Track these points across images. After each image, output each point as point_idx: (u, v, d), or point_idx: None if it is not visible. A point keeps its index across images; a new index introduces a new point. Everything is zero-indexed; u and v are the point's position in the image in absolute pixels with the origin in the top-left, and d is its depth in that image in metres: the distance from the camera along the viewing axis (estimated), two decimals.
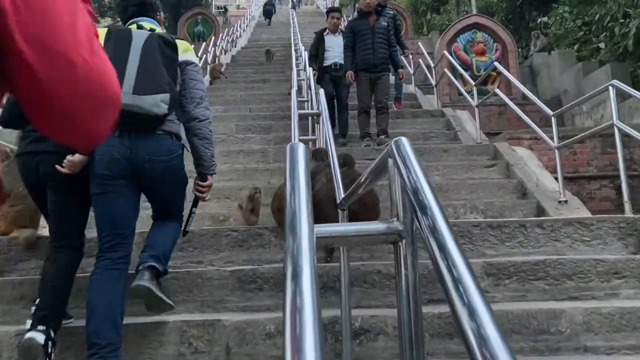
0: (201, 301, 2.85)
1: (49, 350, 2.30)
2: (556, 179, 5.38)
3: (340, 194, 2.56)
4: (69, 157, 2.39)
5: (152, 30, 2.53)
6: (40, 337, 2.28)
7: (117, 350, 2.24)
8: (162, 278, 2.56)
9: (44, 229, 3.24)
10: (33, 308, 2.47)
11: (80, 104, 0.63)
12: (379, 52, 6.21)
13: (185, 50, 2.62)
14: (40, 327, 2.31)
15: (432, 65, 9.83)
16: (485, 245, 3.27)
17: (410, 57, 9.90)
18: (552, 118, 4.91)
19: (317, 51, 7.07)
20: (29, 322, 2.41)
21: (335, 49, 6.92)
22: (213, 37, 15.56)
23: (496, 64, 6.60)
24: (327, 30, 7.16)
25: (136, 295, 2.37)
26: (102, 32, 2.50)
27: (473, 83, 7.64)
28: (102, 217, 2.39)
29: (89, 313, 2.26)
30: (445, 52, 9.17)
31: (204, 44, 13.42)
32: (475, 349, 0.64)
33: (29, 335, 2.30)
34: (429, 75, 9.86)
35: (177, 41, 2.59)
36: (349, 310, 2.37)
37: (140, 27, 2.53)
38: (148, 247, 2.47)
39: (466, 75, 8.01)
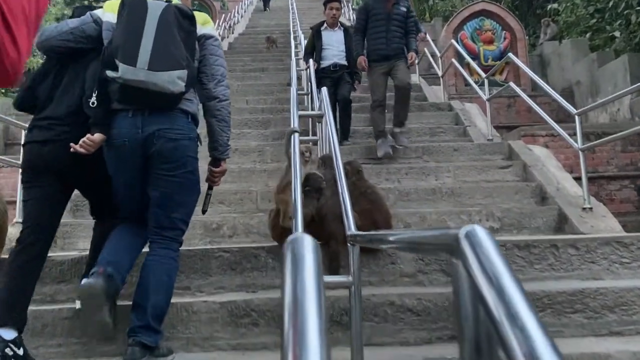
0: (187, 339, 2.46)
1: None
2: (577, 179, 4.99)
3: (349, 216, 2.14)
4: (89, 135, 2.23)
5: (168, 1, 2.34)
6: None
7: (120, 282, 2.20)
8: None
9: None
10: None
11: None
12: (393, 41, 5.22)
13: (205, 23, 2.45)
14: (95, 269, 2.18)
15: (437, 53, 9.35)
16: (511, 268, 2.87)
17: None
18: (576, 117, 4.48)
19: (313, 48, 6.21)
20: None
21: (334, 47, 6.04)
22: None
23: (511, 56, 6.15)
24: (325, 24, 6.19)
25: None
26: (115, 3, 2.34)
27: (484, 75, 7.20)
28: (124, 201, 2.38)
29: (105, 247, 2.27)
30: (454, 42, 8.70)
31: None
32: None
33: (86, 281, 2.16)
34: (434, 65, 9.40)
35: (195, 13, 2.39)
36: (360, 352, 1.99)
37: None
38: (139, 307, 2.17)
39: (476, 67, 7.56)
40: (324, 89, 3.96)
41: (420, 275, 2.87)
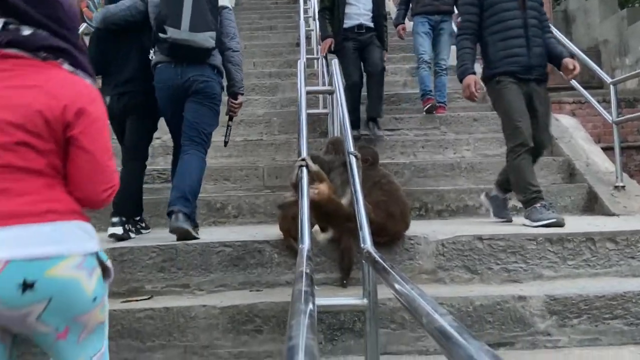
0: (184, 347, 2.25)
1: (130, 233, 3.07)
2: (605, 149, 4.65)
3: (363, 224, 1.86)
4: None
5: None
6: (118, 230, 2.98)
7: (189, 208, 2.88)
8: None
9: None
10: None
11: (94, 178, 1.35)
12: (535, 42, 3.21)
13: None
14: (115, 219, 3.01)
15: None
16: (542, 265, 2.61)
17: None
18: (611, 86, 4.09)
19: (332, 3, 4.76)
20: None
21: (360, 3, 4.71)
22: None
23: None
24: None
25: (176, 234, 2.79)
26: None
27: None
28: (170, 126, 3.27)
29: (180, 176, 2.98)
30: None
31: None
32: None
33: (110, 232, 2.98)
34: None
35: None
36: None
37: None
38: (177, 187, 2.95)
39: None
40: (335, 61, 3.59)
41: (440, 271, 2.61)
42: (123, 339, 2.23)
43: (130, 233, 3.08)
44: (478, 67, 3.60)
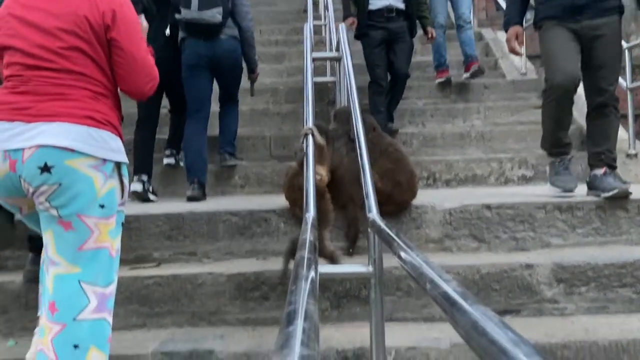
0: (192, 313, 2.27)
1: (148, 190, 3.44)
2: (620, 116, 4.55)
3: (370, 194, 1.84)
4: None
5: None
6: (138, 187, 3.34)
7: (204, 174, 3.49)
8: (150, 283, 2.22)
9: None
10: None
11: (135, 73, 1.61)
12: None
13: None
14: (135, 177, 3.37)
15: None
16: (551, 233, 2.58)
17: None
18: (626, 51, 3.98)
19: None
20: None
21: None
22: None
23: None
24: None
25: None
26: None
27: None
28: (190, 92, 3.54)
29: (186, 151, 3.56)
30: None
31: None
32: None
33: (132, 188, 3.19)
34: None
35: None
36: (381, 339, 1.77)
37: None
38: (224, 133, 3.76)
39: None
40: (342, 25, 3.50)
41: (447, 240, 2.60)
42: (132, 304, 2.25)
43: (150, 195, 3.41)
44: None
